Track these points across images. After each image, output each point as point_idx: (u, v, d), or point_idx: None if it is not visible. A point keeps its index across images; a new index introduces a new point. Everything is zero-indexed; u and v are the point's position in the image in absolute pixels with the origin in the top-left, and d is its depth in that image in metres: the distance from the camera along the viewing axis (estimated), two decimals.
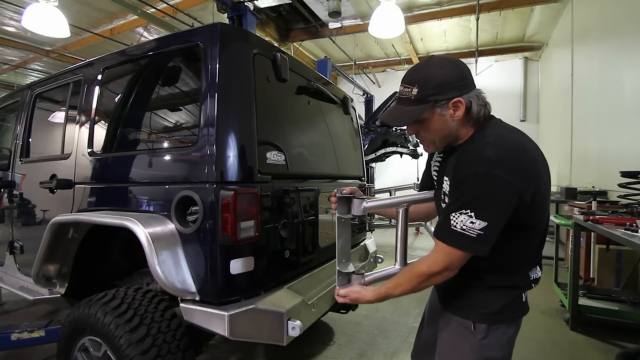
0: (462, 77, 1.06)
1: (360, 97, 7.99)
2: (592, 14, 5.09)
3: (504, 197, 0.96)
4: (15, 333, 2.13)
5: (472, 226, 0.96)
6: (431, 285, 1.13)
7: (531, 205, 1.00)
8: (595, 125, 4.91)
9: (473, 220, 0.96)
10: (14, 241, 2.59)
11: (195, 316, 1.55)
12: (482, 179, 0.97)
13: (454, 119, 1.07)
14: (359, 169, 2.98)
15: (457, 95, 1.04)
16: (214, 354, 2.69)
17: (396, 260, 1.28)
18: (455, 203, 1.01)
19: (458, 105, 1.05)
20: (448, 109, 1.06)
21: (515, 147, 1.01)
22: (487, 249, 0.99)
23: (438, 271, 1.04)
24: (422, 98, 1.06)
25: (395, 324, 3.27)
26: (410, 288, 1.09)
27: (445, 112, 1.06)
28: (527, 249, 1.12)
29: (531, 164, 1.00)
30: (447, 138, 1.12)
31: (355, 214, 1.32)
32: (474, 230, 0.96)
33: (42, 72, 9.12)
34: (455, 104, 1.05)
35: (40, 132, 2.61)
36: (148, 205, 1.75)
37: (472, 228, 0.96)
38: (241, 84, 1.67)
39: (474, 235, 0.97)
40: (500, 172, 0.95)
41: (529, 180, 0.98)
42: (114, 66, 2.08)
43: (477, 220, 0.96)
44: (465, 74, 1.07)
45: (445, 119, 1.07)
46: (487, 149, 0.99)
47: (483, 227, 0.96)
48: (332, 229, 2.36)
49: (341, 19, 6.85)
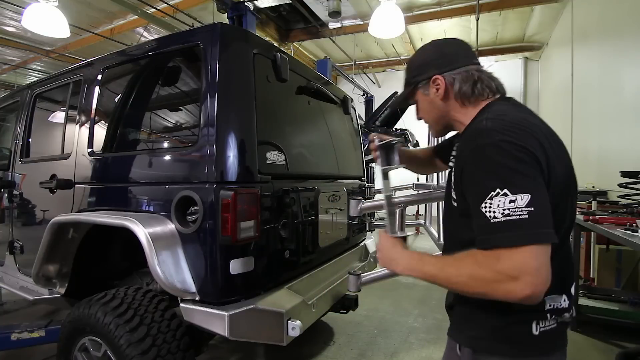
0: (441, 55, 1.03)
1: (360, 97, 7.99)
2: (592, 14, 5.09)
3: (526, 161, 0.77)
4: (15, 333, 2.13)
5: (516, 205, 0.73)
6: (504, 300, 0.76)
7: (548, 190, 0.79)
8: (595, 125, 4.91)
9: (512, 198, 0.73)
10: (14, 241, 2.58)
11: (195, 316, 1.55)
12: (490, 149, 0.80)
13: (438, 98, 1.03)
14: (359, 169, 2.98)
15: (437, 73, 1.02)
16: (214, 354, 2.69)
17: None
18: (478, 190, 0.79)
19: (438, 82, 1.02)
20: (431, 88, 1.04)
21: (520, 121, 0.86)
22: (550, 230, 0.74)
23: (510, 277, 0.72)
24: (408, 81, 1.10)
25: (396, 324, 3.27)
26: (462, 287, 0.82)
27: (429, 91, 1.05)
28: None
29: (540, 142, 0.82)
30: (441, 119, 1.08)
31: (353, 214, 1.32)
32: (522, 210, 0.72)
33: (42, 72, 9.12)
34: (435, 81, 1.02)
35: (40, 132, 2.61)
36: (148, 205, 1.75)
37: (518, 207, 0.73)
38: (241, 84, 1.67)
39: (526, 214, 0.72)
40: (508, 136, 0.80)
41: (541, 153, 0.80)
42: (114, 66, 2.08)
43: (517, 195, 0.73)
44: (445, 52, 1.04)
45: (431, 99, 1.05)
46: (485, 122, 0.88)
47: (528, 201, 0.72)
48: (332, 229, 2.37)
49: (341, 19, 6.84)
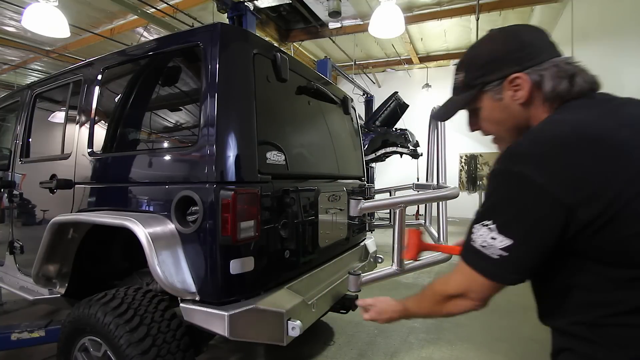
0: (522, 47, 0.80)
1: (360, 97, 8.00)
2: (592, 14, 5.09)
3: (533, 207, 0.69)
4: (15, 333, 2.13)
5: (493, 243, 0.72)
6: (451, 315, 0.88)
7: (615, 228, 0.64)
8: None
9: (494, 235, 0.72)
10: (14, 241, 2.58)
11: (195, 316, 1.55)
12: (499, 179, 0.74)
13: (517, 102, 0.81)
14: (359, 169, 2.98)
15: (517, 71, 0.79)
16: (214, 354, 2.69)
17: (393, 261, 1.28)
18: (478, 212, 0.78)
19: (518, 83, 0.80)
20: (505, 90, 0.81)
21: (566, 134, 0.70)
22: (514, 277, 0.74)
23: (452, 293, 0.83)
24: (469, 82, 0.86)
25: (396, 324, 3.26)
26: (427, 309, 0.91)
27: (502, 94, 0.82)
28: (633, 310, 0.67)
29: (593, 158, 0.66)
30: (515, 129, 0.84)
31: (353, 214, 1.32)
32: (495, 249, 0.72)
33: (42, 72, 9.12)
34: (514, 81, 0.80)
35: (40, 132, 2.61)
36: (148, 205, 1.75)
37: (492, 246, 0.72)
38: (241, 84, 1.67)
39: (496, 256, 0.72)
40: (524, 168, 0.69)
41: (584, 184, 0.65)
42: (114, 66, 2.08)
43: (500, 235, 0.71)
44: (527, 41, 0.81)
45: (505, 104, 0.82)
46: (522, 139, 0.74)
47: (507, 247, 0.71)
48: (332, 229, 2.37)
49: (341, 19, 6.85)
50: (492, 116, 0.86)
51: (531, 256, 0.72)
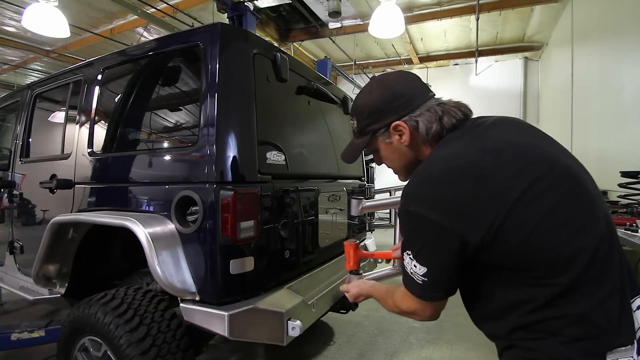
0: (395, 98, 0.92)
1: None
2: (592, 14, 5.08)
3: (434, 238, 0.80)
4: (15, 333, 2.13)
5: (415, 270, 0.83)
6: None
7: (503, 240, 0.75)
8: (595, 125, 4.90)
9: (415, 263, 0.83)
10: (14, 241, 2.58)
11: (195, 316, 1.55)
12: (403, 216, 0.84)
13: (404, 145, 0.93)
14: (359, 169, 2.98)
15: (396, 119, 0.91)
16: (214, 354, 2.69)
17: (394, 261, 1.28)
18: (403, 242, 0.88)
19: (400, 129, 0.92)
20: (392, 135, 0.93)
21: (442, 170, 0.81)
22: (439, 294, 0.86)
23: (405, 311, 0.95)
24: (362, 129, 0.99)
25: (395, 324, 3.27)
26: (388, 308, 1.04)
27: (391, 138, 0.94)
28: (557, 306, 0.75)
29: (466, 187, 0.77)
30: (409, 165, 0.97)
31: (354, 214, 1.33)
32: (418, 276, 0.83)
33: (42, 72, 9.11)
34: (396, 127, 0.92)
35: (40, 132, 2.61)
36: (148, 205, 1.75)
37: (416, 273, 0.83)
38: (241, 84, 1.67)
39: (420, 281, 0.83)
40: (417, 208, 0.80)
41: (465, 213, 0.76)
42: (114, 66, 2.08)
43: (417, 263, 0.82)
44: (399, 92, 0.92)
45: (395, 146, 0.95)
46: (412, 179, 0.86)
47: (425, 273, 0.82)
48: (332, 229, 2.37)
49: (341, 19, 6.84)
50: (388, 156, 1.00)
51: (444, 276, 0.83)
